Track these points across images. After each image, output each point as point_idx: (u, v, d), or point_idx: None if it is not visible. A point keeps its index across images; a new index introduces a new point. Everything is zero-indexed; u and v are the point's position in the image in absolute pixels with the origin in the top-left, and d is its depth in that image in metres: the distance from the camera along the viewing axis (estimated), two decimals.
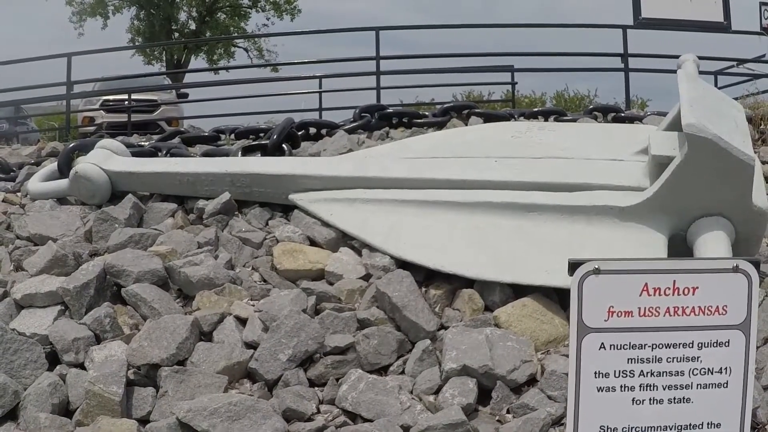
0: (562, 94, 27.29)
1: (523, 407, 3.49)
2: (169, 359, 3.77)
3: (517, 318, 4.04)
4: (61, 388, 3.73)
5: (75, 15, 35.06)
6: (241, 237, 4.94)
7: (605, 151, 5.01)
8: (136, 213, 5.29)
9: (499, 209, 4.57)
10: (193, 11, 37.01)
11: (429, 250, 4.44)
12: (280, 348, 3.81)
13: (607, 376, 2.52)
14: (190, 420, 3.32)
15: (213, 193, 5.36)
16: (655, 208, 4.31)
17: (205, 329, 4.05)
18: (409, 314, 4.01)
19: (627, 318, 2.50)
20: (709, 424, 2.53)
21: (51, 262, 4.58)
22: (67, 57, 14.17)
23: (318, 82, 15.74)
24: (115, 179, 5.62)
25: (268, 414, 3.37)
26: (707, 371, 2.53)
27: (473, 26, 15.83)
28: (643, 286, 2.50)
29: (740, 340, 2.52)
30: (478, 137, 5.62)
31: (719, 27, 13.08)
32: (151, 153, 6.43)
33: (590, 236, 4.37)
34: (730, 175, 4.09)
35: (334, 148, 6.64)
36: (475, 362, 3.64)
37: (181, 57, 34.98)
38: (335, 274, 4.52)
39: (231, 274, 4.51)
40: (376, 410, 3.49)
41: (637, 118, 8.35)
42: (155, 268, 4.44)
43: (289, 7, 37.23)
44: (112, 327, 4.09)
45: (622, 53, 13.53)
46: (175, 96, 19.08)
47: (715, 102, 4.58)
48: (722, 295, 2.51)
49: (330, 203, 4.99)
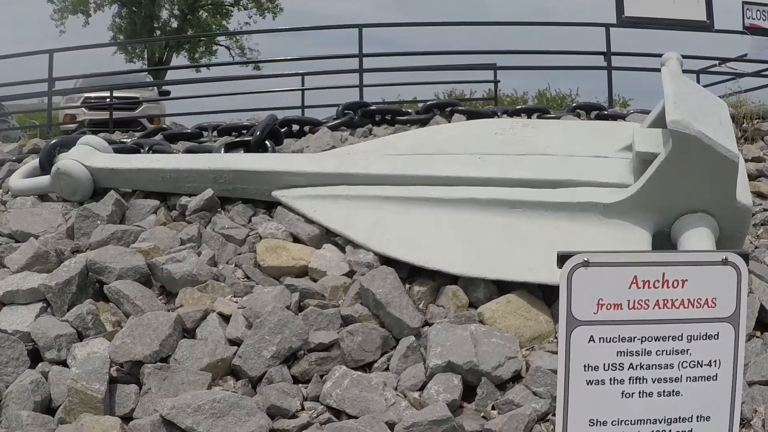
0: (544, 93, 27.36)
1: (508, 403, 3.48)
2: (152, 356, 3.74)
3: (501, 314, 4.04)
4: (44, 385, 3.69)
5: (56, 12, 34.86)
6: (224, 234, 4.91)
7: (589, 148, 5.01)
8: (119, 210, 5.26)
9: (483, 206, 4.56)
10: (175, 9, 36.90)
11: (413, 247, 4.43)
12: (264, 345, 3.79)
13: (597, 370, 2.51)
14: (173, 417, 3.30)
15: (196, 189, 5.34)
16: (639, 205, 4.31)
17: (189, 326, 4.02)
18: (393, 311, 4.00)
19: (616, 311, 2.49)
20: (698, 417, 2.53)
21: (33, 259, 4.56)
22: (49, 54, 14.10)
23: (300, 79, 15.72)
24: (97, 176, 5.59)
25: (252, 411, 3.35)
26: (696, 364, 2.52)
27: (455, 24, 15.78)
28: (632, 279, 2.49)
29: (729, 332, 2.51)
30: (462, 134, 5.61)
31: (702, 26, 13.14)
32: (133, 150, 6.39)
33: (574, 233, 4.36)
34: (714, 172, 4.09)
35: (317, 144, 6.63)
36: (459, 358, 3.63)
37: (163, 55, 34.87)
38: (319, 270, 4.50)
39: (214, 271, 4.49)
40: (360, 407, 3.48)
41: (620, 116, 8.37)
42: (138, 265, 4.41)
43: (271, 5, 37.17)
44: (95, 324, 4.05)
45: (605, 52, 13.57)
46: (157, 94, 19.03)
47: (699, 99, 4.58)
48: (711, 287, 2.51)
49: (313, 200, 4.98)
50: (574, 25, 14.75)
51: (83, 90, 17.59)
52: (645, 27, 13.12)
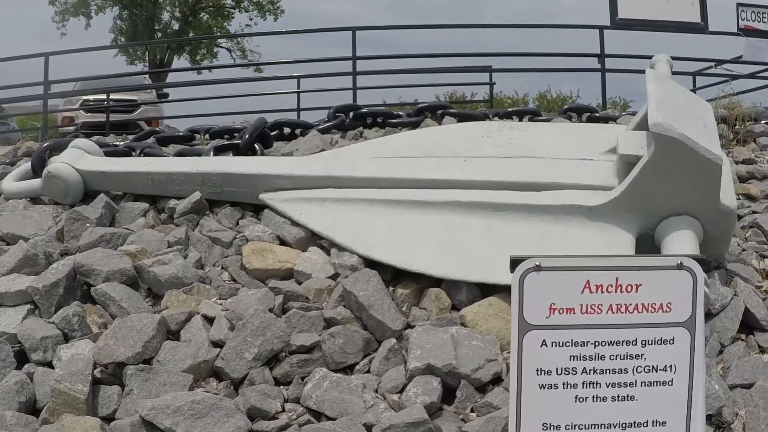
0: (545, 95, 27.39)
1: (486, 406, 3.50)
2: (135, 358, 3.76)
3: (483, 317, 4.05)
4: (29, 386, 3.72)
5: (58, 15, 34.92)
6: (211, 236, 4.94)
7: (575, 151, 5.03)
8: (108, 212, 5.29)
9: (468, 208, 4.58)
10: (177, 11, 36.91)
11: (397, 249, 4.46)
12: (246, 347, 3.81)
13: (549, 374, 2.52)
14: (152, 418, 3.32)
15: (184, 192, 5.37)
16: (622, 208, 4.33)
17: (173, 328, 4.04)
18: (375, 313, 4.02)
19: (569, 315, 2.50)
20: (654, 422, 2.52)
21: (21, 261, 4.58)
22: (45, 57, 14.12)
23: (296, 82, 15.73)
24: (88, 179, 5.62)
25: (231, 412, 3.37)
26: (651, 369, 2.52)
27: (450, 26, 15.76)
28: (585, 284, 2.50)
29: (685, 337, 2.52)
30: (449, 137, 5.63)
31: (696, 28, 13.11)
32: (124, 153, 6.43)
33: (558, 235, 4.38)
34: (697, 175, 4.11)
35: (306, 147, 6.65)
36: (439, 361, 3.66)
37: (164, 57, 34.89)
38: (304, 273, 4.53)
39: (200, 274, 4.51)
40: (339, 409, 3.50)
41: (611, 119, 8.37)
42: (125, 268, 4.44)
43: (272, 7, 37.18)
44: (81, 326, 4.08)
45: (599, 54, 13.55)
46: (155, 96, 19.05)
47: (683, 102, 4.59)
48: (666, 292, 2.51)
49: (300, 203, 5.00)
50: (566, 27, 14.70)
51: (81, 93, 17.62)
52: (639, 29, 13.10)
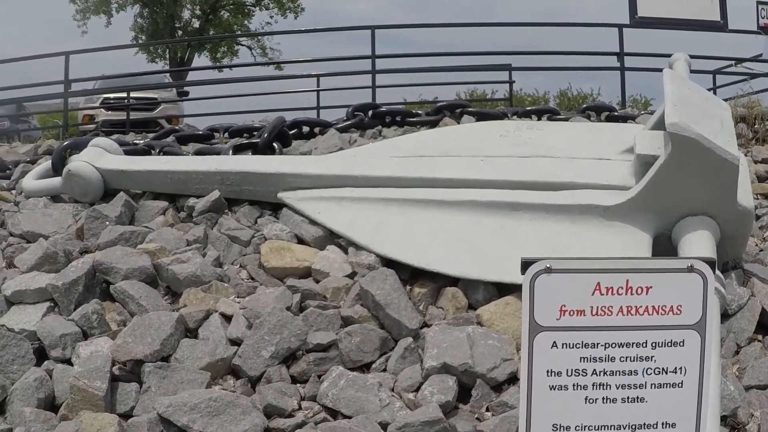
0: (565, 93, 27.30)
1: (502, 405, 3.51)
2: (153, 355, 3.80)
3: (499, 316, 4.06)
4: (48, 383, 3.76)
5: (78, 13, 35.12)
6: (230, 235, 4.97)
7: (592, 150, 5.02)
8: (128, 211, 5.32)
9: (484, 208, 4.58)
10: (197, 9, 37.04)
11: (414, 249, 4.47)
12: (263, 345, 3.84)
13: (560, 375, 2.52)
14: (170, 415, 3.36)
15: (203, 191, 5.40)
16: (639, 208, 4.32)
17: (191, 326, 4.08)
18: (392, 312, 4.04)
19: (579, 317, 2.50)
20: (663, 423, 2.52)
21: (41, 259, 4.63)
22: (65, 55, 14.22)
23: (316, 80, 15.77)
24: (108, 177, 5.66)
25: (247, 410, 3.40)
26: (661, 371, 2.52)
27: (469, 25, 15.79)
28: (595, 286, 2.50)
29: (695, 340, 2.51)
30: (466, 136, 5.63)
31: (716, 26, 13.06)
32: (144, 151, 6.46)
33: (574, 235, 4.38)
34: (714, 175, 4.08)
35: (325, 146, 6.67)
36: (455, 360, 3.67)
37: (185, 55, 35.02)
38: (322, 272, 4.54)
39: (218, 272, 4.54)
40: (355, 407, 3.52)
41: (630, 117, 8.33)
42: (144, 266, 4.47)
43: (293, 5, 37.26)
44: (100, 323, 4.12)
45: (618, 52, 13.51)
46: (176, 94, 19.13)
47: (700, 101, 4.57)
48: (676, 294, 2.51)
49: (318, 201, 5.02)
50: (586, 26, 14.68)
51: (102, 91, 17.72)
52: (658, 27, 13.04)
